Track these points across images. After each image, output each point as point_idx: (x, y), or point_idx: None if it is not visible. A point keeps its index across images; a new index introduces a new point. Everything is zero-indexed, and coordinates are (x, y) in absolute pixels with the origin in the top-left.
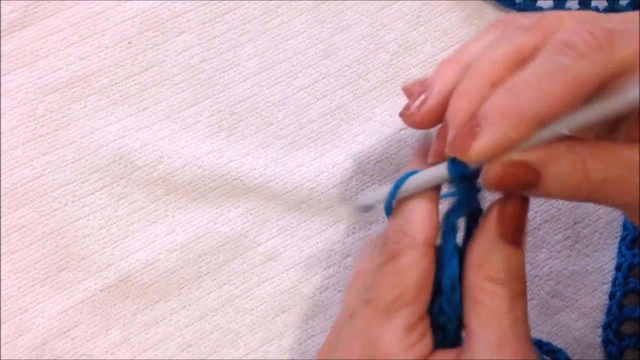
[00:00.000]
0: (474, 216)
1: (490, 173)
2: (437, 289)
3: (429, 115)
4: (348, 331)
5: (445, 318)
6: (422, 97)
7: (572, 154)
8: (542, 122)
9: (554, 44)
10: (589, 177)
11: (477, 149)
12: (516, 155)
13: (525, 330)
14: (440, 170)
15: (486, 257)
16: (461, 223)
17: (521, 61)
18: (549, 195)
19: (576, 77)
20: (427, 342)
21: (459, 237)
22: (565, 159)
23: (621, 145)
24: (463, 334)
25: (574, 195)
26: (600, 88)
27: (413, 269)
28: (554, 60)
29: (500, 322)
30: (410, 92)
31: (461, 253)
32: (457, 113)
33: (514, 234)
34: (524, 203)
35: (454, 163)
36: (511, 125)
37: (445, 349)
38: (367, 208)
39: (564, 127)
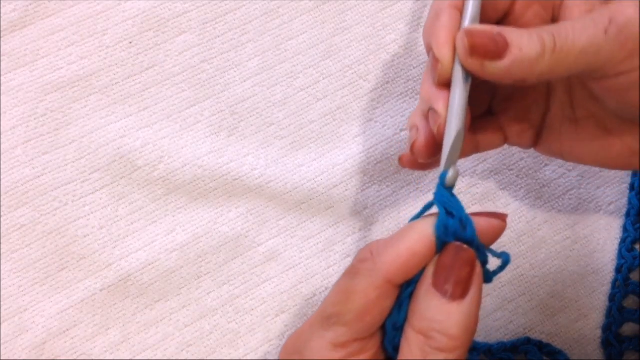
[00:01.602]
0: None
1: (459, 40)
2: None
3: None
4: (306, 321)
5: (390, 355)
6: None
7: (527, 29)
8: (458, 8)
9: None
10: (552, 44)
11: (438, 53)
12: (471, 26)
13: None
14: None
15: (416, 304)
16: None
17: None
18: (516, 66)
19: None
20: None
21: None
22: (523, 29)
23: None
24: None
25: (533, 70)
26: None
27: (360, 294)
28: None
29: None
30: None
31: None
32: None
33: (444, 284)
34: (459, 254)
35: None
36: (439, 20)
37: None
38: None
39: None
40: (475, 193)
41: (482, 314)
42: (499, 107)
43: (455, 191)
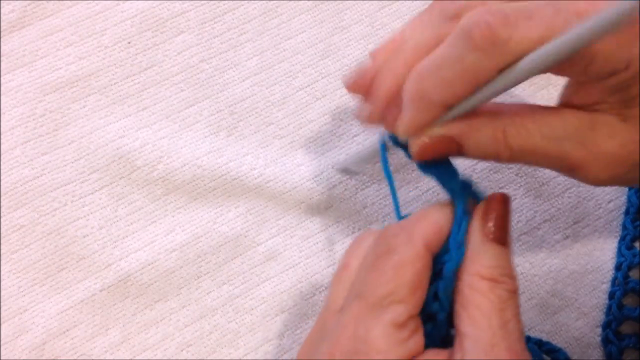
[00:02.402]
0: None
1: (413, 147)
2: (432, 280)
3: (378, 114)
4: (335, 325)
5: (438, 306)
6: (369, 104)
7: (493, 124)
8: (448, 104)
9: (456, 32)
10: (509, 146)
11: (401, 128)
12: (437, 130)
13: (518, 330)
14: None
15: (475, 257)
16: None
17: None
18: (473, 158)
19: (470, 68)
20: (418, 340)
21: None
22: (486, 129)
23: (551, 111)
24: (453, 332)
25: (497, 160)
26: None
27: (408, 266)
28: (452, 49)
29: (491, 321)
30: (353, 86)
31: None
32: (380, 88)
33: (499, 233)
34: (505, 204)
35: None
36: (421, 108)
37: (434, 347)
38: (348, 171)
39: (471, 104)
40: None
41: None
42: None
43: None
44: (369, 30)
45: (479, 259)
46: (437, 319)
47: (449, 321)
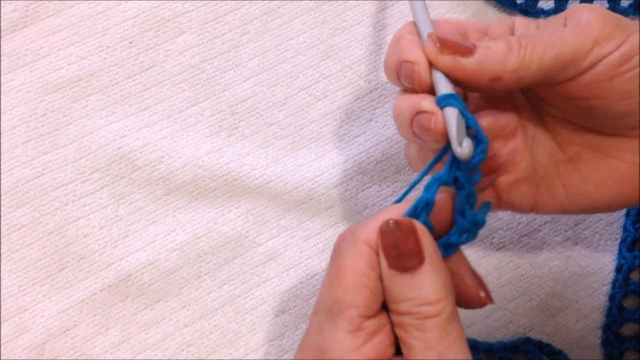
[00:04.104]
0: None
1: (430, 41)
2: None
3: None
4: (303, 341)
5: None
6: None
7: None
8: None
9: None
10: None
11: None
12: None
13: (448, 346)
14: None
15: (388, 292)
16: None
17: None
18: (485, 61)
19: None
20: (376, 342)
21: None
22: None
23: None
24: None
25: (507, 54)
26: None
27: (350, 270)
28: None
29: (411, 352)
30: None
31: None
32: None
33: (398, 262)
34: (395, 230)
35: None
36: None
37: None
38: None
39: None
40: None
41: (482, 313)
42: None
43: None
44: (370, 31)
45: (389, 294)
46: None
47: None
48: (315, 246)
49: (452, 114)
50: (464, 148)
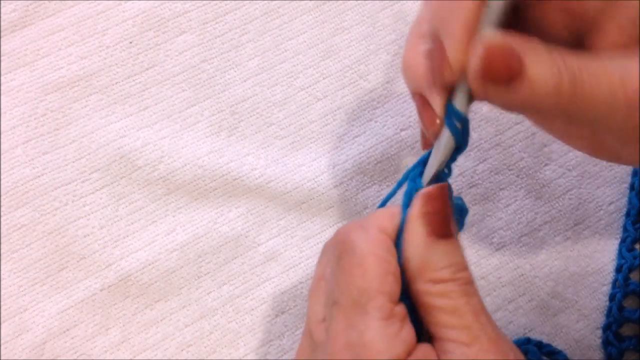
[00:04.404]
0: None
1: (475, 59)
2: None
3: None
4: (325, 337)
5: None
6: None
7: (549, 50)
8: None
9: None
10: (570, 69)
11: (452, 56)
12: (490, 35)
13: (487, 317)
14: (443, 138)
15: (423, 263)
16: None
17: None
18: (533, 96)
19: None
20: (409, 328)
21: None
22: (544, 52)
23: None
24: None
25: (557, 92)
26: None
27: (371, 258)
28: None
29: (463, 318)
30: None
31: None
32: (419, 75)
33: (443, 227)
34: (438, 199)
35: (449, 118)
36: (459, 13)
37: (422, 343)
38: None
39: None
40: (476, 193)
41: None
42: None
43: (455, 191)
44: (370, 31)
45: (427, 264)
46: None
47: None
48: (316, 246)
49: (446, 142)
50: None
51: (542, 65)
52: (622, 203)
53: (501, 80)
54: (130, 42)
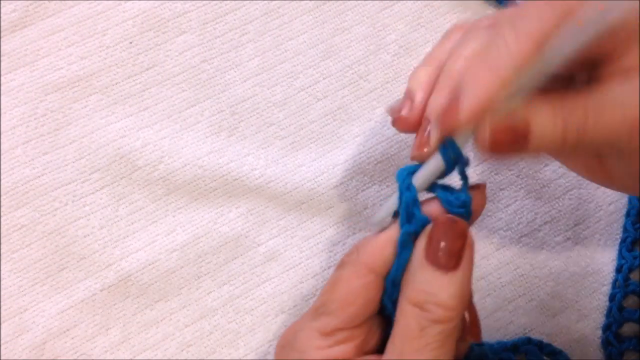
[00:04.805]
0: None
1: (483, 134)
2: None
3: (419, 116)
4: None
5: (389, 312)
6: (409, 102)
7: (551, 104)
8: (511, 76)
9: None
10: (575, 116)
11: (463, 111)
12: (503, 111)
13: (436, 357)
14: (434, 161)
15: (409, 278)
16: None
17: None
18: (540, 150)
19: (529, 33)
20: (346, 349)
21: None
22: (546, 108)
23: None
24: None
25: (563, 142)
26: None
27: (344, 284)
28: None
29: (404, 345)
30: (394, 109)
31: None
32: (436, 107)
33: (442, 257)
34: (450, 228)
35: (444, 147)
36: (487, 80)
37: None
38: (384, 221)
39: (533, 77)
40: None
41: (482, 314)
42: None
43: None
44: (370, 31)
45: (412, 280)
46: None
47: None
48: (316, 246)
49: (434, 169)
50: (378, 222)
51: (546, 122)
52: (622, 203)
53: (509, 150)
54: (131, 42)
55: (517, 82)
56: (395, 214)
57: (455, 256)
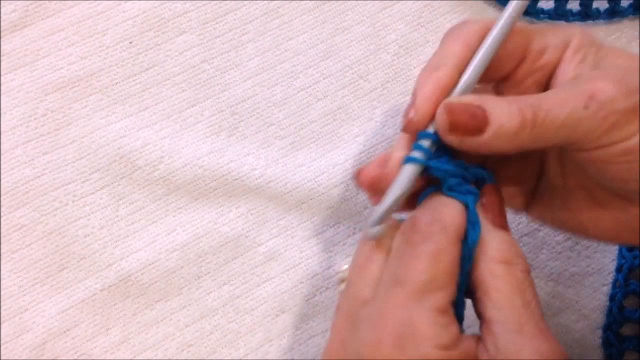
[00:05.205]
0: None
1: (441, 115)
2: None
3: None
4: (372, 313)
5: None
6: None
7: (505, 99)
8: (458, 68)
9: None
10: (530, 105)
11: (414, 110)
12: (458, 98)
13: (539, 308)
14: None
15: (486, 245)
16: None
17: None
18: (500, 136)
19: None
20: (457, 327)
21: None
22: (500, 100)
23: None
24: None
25: (522, 126)
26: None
27: (446, 254)
28: None
29: (514, 302)
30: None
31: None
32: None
33: (500, 220)
34: (498, 192)
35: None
36: (434, 75)
37: (465, 335)
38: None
39: (477, 65)
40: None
41: None
42: (493, 167)
43: None
44: (370, 31)
45: (490, 245)
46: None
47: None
48: (316, 246)
49: (401, 182)
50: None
51: (502, 108)
52: None
53: (471, 129)
54: (130, 42)
55: (464, 77)
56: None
57: (505, 216)
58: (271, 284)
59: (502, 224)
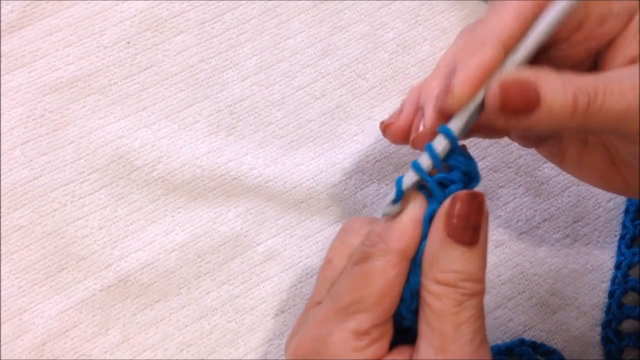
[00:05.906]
0: None
1: (491, 93)
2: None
3: (407, 124)
4: (309, 321)
5: (408, 323)
6: (398, 113)
7: (561, 77)
8: (505, 46)
9: None
10: (584, 89)
11: (456, 83)
12: (509, 73)
13: (473, 332)
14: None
15: (433, 260)
16: None
17: None
18: (550, 118)
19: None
20: (380, 347)
21: None
22: (556, 78)
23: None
24: None
25: (573, 113)
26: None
27: (378, 276)
28: None
29: (443, 324)
30: (384, 121)
31: None
32: (429, 91)
33: (463, 233)
34: (471, 203)
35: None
36: (480, 54)
37: (405, 346)
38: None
39: (529, 46)
40: None
41: None
42: None
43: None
44: (368, 29)
45: (436, 262)
46: (412, 332)
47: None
48: (315, 245)
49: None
50: (390, 208)
51: (556, 90)
52: (620, 200)
53: (521, 110)
54: (128, 43)
55: (511, 56)
56: (396, 200)
57: (477, 230)
58: (270, 283)
59: (464, 239)
